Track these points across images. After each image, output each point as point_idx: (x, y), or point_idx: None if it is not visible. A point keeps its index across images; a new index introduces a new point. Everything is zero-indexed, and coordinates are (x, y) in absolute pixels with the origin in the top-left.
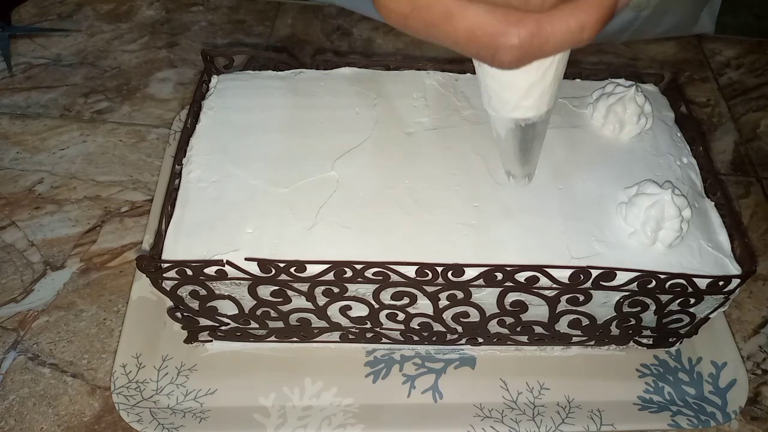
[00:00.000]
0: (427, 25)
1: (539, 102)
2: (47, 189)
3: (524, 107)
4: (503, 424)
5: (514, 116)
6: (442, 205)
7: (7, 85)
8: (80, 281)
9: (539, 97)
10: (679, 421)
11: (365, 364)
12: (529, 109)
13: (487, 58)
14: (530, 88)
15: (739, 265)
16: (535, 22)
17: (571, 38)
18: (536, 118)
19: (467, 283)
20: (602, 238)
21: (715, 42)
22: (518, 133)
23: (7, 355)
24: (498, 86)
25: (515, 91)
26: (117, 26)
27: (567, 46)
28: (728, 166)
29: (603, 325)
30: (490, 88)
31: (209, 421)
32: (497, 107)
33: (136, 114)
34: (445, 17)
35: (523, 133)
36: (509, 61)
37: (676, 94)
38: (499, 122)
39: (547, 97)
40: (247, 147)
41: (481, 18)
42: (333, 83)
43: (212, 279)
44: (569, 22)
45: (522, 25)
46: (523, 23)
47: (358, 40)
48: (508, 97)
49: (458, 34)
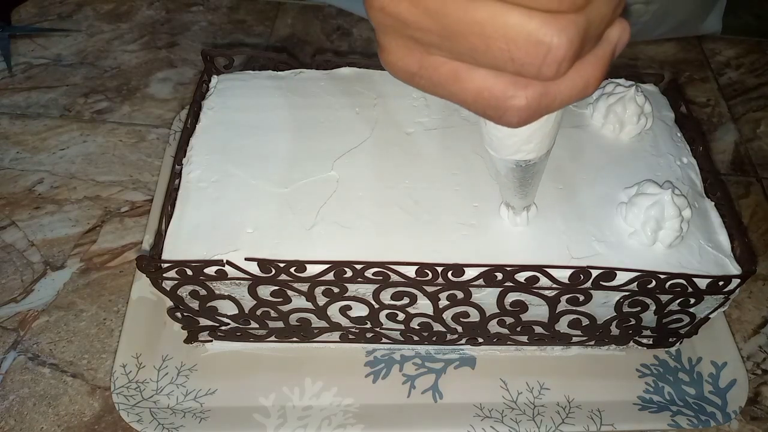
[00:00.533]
0: (434, 84)
1: (540, 146)
2: (47, 189)
3: (525, 151)
4: (503, 424)
5: (515, 158)
6: (442, 205)
7: (7, 85)
8: (80, 281)
9: (540, 141)
10: (679, 421)
11: (365, 364)
12: (530, 152)
13: (495, 118)
14: (532, 135)
15: (739, 265)
16: (542, 85)
17: (576, 94)
18: (536, 159)
19: (467, 283)
20: (602, 238)
21: (715, 42)
22: (518, 172)
23: (7, 355)
24: (500, 134)
25: (517, 138)
26: (117, 26)
27: (572, 102)
28: (728, 166)
29: (603, 325)
30: (492, 134)
31: (209, 421)
32: (498, 150)
33: (136, 114)
34: (453, 78)
35: (524, 172)
36: (517, 122)
37: (676, 94)
38: (499, 162)
39: (548, 140)
40: (247, 147)
41: (489, 81)
42: (333, 83)
43: (212, 279)
44: (575, 80)
45: (530, 87)
46: (530, 85)
47: (358, 40)
48: (510, 143)
49: (466, 94)
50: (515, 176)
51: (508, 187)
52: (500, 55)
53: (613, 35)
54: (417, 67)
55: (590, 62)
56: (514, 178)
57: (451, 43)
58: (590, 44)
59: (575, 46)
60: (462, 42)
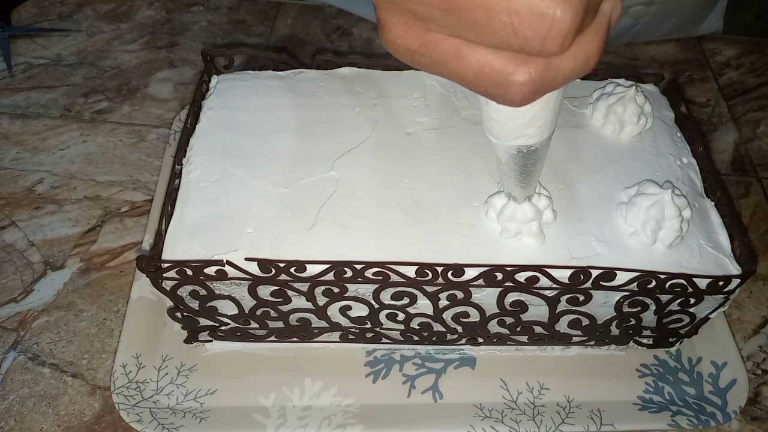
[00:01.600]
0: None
1: (541, 130)
2: (47, 189)
3: (526, 135)
4: (503, 424)
5: (517, 144)
6: (442, 205)
7: (7, 85)
8: (80, 281)
9: (541, 125)
10: (679, 421)
11: (365, 364)
12: (531, 137)
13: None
14: (533, 118)
15: (739, 265)
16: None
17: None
18: (538, 145)
19: (467, 283)
20: (602, 238)
21: (715, 42)
22: (520, 159)
23: (7, 355)
24: (500, 117)
25: (518, 121)
26: (117, 26)
27: (575, 77)
28: (728, 166)
29: (603, 325)
30: (492, 119)
31: (209, 421)
32: (499, 135)
33: (136, 114)
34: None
35: (525, 158)
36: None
37: (676, 94)
38: (501, 149)
39: (549, 124)
40: (247, 147)
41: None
42: (333, 83)
43: (212, 279)
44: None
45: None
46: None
47: (358, 40)
48: (511, 128)
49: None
50: (517, 164)
51: (509, 176)
52: (503, 29)
53: (606, 7)
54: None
55: (590, 35)
56: (515, 165)
57: (452, 17)
58: (590, 17)
59: (579, 17)
60: (464, 16)
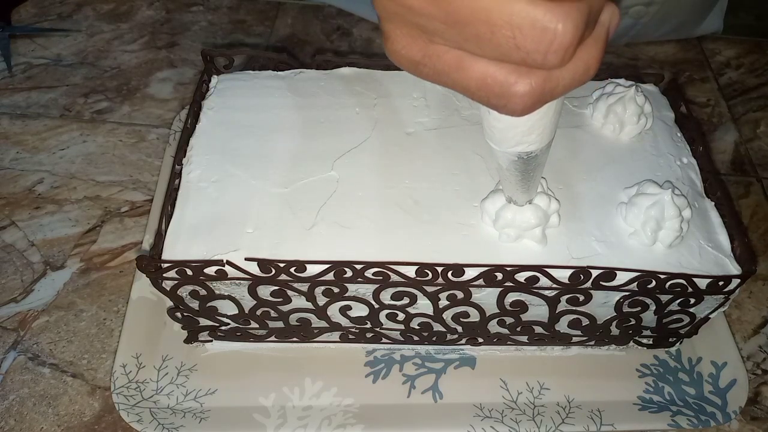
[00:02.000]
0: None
1: (541, 137)
2: (47, 189)
3: (527, 142)
4: (503, 424)
5: (517, 150)
6: (442, 205)
7: (7, 85)
8: (80, 281)
9: (541, 132)
10: (679, 421)
11: (365, 364)
12: (532, 143)
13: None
14: (533, 126)
15: (739, 265)
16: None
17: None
18: (538, 151)
19: (467, 283)
20: (602, 238)
21: (715, 42)
22: (520, 164)
23: (7, 355)
24: (501, 125)
25: (518, 129)
26: (117, 26)
27: (575, 87)
28: (728, 166)
29: (603, 325)
30: (493, 127)
31: (209, 421)
32: (500, 142)
33: (136, 114)
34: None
35: (525, 164)
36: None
37: (676, 94)
38: (501, 155)
39: (548, 131)
40: (247, 147)
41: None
42: (333, 83)
43: (212, 279)
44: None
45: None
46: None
47: (358, 40)
48: (512, 135)
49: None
50: (517, 169)
51: (510, 181)
52: (505, 43)
53: (605, 18)
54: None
55: (590, 45)
56: (516, 171)
57: (455, 30)
58: (589, 29)
59: (580, 31)
60: (467, 29)
